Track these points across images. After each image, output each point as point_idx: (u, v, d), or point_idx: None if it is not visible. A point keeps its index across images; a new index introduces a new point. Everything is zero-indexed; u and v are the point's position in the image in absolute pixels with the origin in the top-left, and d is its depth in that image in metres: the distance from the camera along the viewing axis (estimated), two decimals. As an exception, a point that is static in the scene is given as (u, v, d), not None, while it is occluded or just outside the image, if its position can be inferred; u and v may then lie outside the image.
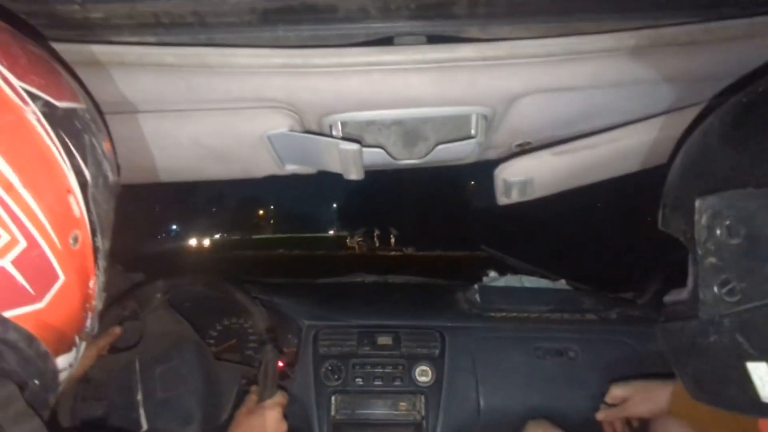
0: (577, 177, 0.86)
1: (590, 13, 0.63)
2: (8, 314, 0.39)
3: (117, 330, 1.08)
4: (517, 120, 0.77)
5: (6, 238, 0.37)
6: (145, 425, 1.08)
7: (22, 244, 0.38)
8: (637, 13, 0.63)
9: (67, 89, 0.48)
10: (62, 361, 0.47)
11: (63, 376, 0.49)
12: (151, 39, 0.64)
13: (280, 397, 1.06)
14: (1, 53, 0.40)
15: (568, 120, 0.79)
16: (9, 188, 0.37)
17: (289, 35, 0.65)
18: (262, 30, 0.64)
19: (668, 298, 0.68)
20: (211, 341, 1.38)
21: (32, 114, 0.41)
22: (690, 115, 0.77)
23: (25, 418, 0.42)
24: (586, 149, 0.80)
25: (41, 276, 0.41)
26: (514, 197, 0.90)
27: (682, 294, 0.62)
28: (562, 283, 1.67)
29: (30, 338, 0.41)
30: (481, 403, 1.29)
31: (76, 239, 0.44)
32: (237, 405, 1.14)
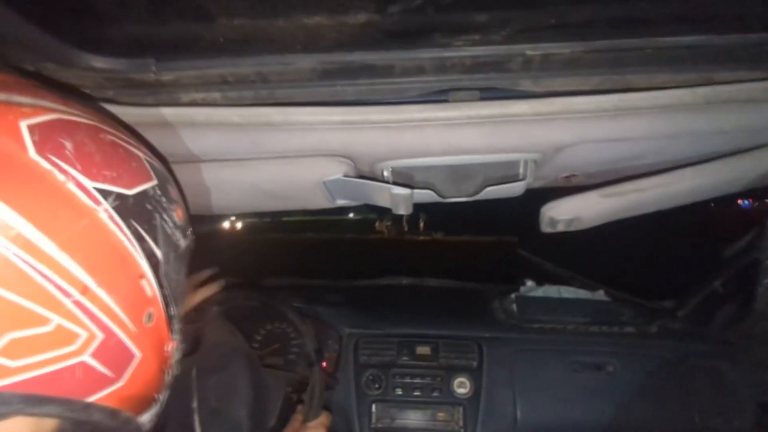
0: (623, 214, 0.86)
1: (643, 66, 0.63)
2: (91, 399, 0.43)
3: None
4: (565, 160, 0.78)
5: (84, 335, 0.41)
6: (198, 431, 1.16)
7: (100, 337, 0.42)
8: (691, 67, 0.62)
9: (139, 171, 0.50)
10: (146, 417, 0.52)
11: (149, 426, 0.54)
12: (216, 95, 0.67)
13: (323, 419, 1.11)
14: (77, 155, 0.43)
15: (617, 160, 0.79)
16: (85, 291, 0.40)
17: (347, 90, 0.67)
18: (321, 85, 0.66)
19: None
20: (256, 345, 1.45)
21: (104, 212, 0.43)
22: (744, 159, 0.75)
23: None
24: (634, 192, 0.80)
25: (119, 359, 0.45)
26: (560, 229, 0.91)
27: None
28: (600, 294, 1.66)
29: (114, 413, 0.45)
30: (519, 416, 1.32)
31: (150, 317, 0.47)
32: (282, 414, 1.21)
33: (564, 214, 0.84)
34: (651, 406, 1.32)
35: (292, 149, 0.71)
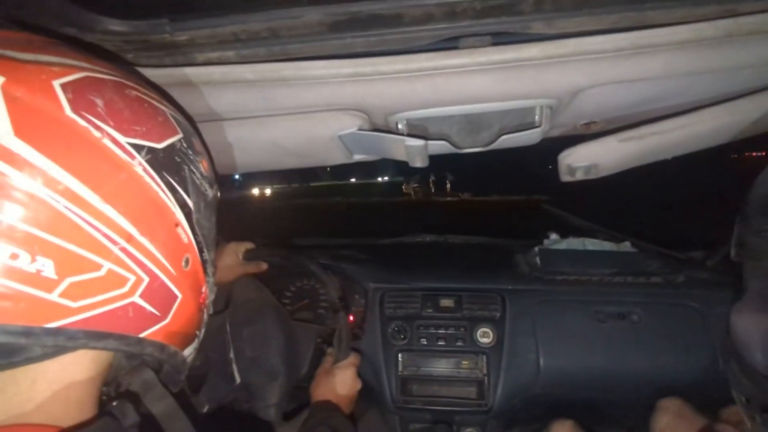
0: (644, 158, 0.84)
1: (662, 1, 0.60)
2: (143, 334, 0.48)
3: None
4: (582, 106, 0.76)
5: (133, 279, 0.45)
6: (238, 379, 1.24)
7: (146, 280, 0.46)
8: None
9: (165, 126, 0.53)
10: (188, 351, 0.59)
11: (190, 359, 0.60)
12: (231, 54, 0.69)
13: (353, 358, 1.17)
14: (108, 112, 0.46)
15: (636, 104, 0.76)
16: (130, 239, 0.45)
17: (357, 41, 0.67)
18: (332, 38, 0.67)
19: None
20: (287, 301, 1.51)
21: (139, 166, 0.47)
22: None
23: (162, 398, 0.53)
24: (654, 135, 0.77)
25: (164, 299, 0.50)
26: (578, 177, 0.90)
27: None
28: (626, 245, 1.65)
29: (162, 347, 0.51)
30: (541, 363, 1.34)
31: (187, 262, 0.52)
32: (314, 361, 1.28)
33: (581, 160, 0.83)
34: (675, 354, 1.33)
35: (306, 104, 0.72)
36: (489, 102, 0.72)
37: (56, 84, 0.43)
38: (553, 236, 1.70)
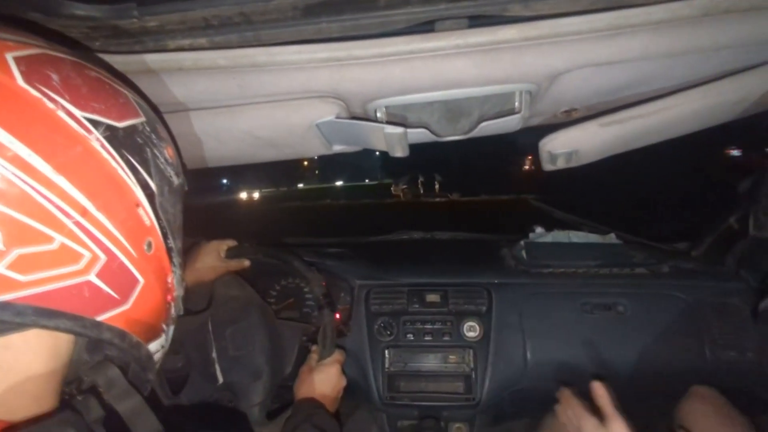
0: (625, 144, 0.84)
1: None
2: (100, 318, 0.46)
3: None
4: (562, 92, 0.76)
5: (88, 256, 0.43)
6: (221, 379, 1.22)
7: (103, 258, 0.44)
8: None
9: (127, 107, 0.52)
10: (154, 346, 0.56)
11: (158, 356, 0.57)
12: (203, 41, 0.67)
13: (338, 355, 1.16)
14: (64, 87, 0.44)
15: (616, 89, 0.76)
16: (85, 213, 0.43)
17: (332, 26, 0.65)
18: (306, 23, 0.65)
19: None
20: (272, 300, 1.49)
21: (96, 141, 0.45)
22: (750, 77, 0.72)
23: (127, 395, 0.50)
24: (635, 119, 0.77)
25: (124, 282, 0.47)
26: (560, 165, 0.89)
27: None
28: (611, 237, 1.65)
29: (122, 334, 0.48)
30: (529, 356, 1.34)
31: (150, 245, 0.50)
32: (298, 360, 1.26)
33: (562, 146, 0.82)
34: (662, 344, 1.33)
35: (281, 91, 0.71)
36: (467, 87, 0.71)
37: (9, 56, 0.42)
38: (539, 230, 1.70)
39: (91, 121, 0.45)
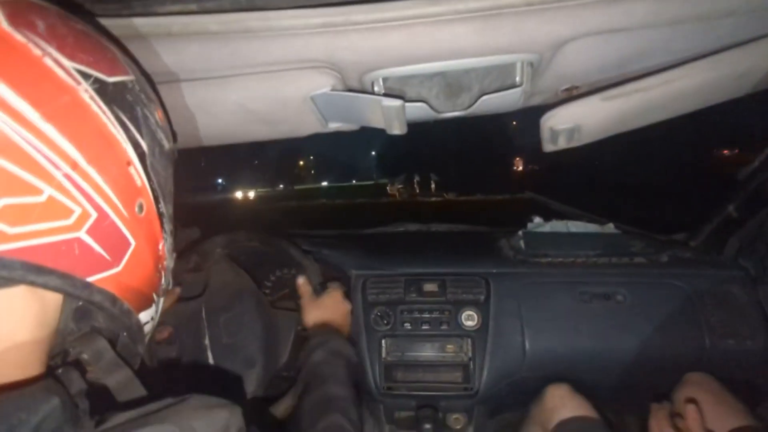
0: (629, 121, 0.82)
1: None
2: (91, 279, 0.43)
3: (171, 297, 1.14)
4: (564, 65, 0.74)
5: (78, 211, 0.41)
6: (214, 367, 1.19)
7: (93, 215, 0.42)
8: None
9: (116, 63, 0.49)
10: (144, 316, 0.53)
11: (147, 328, 0.55)
12: (193, 6, 0.64)
13: (335, 284, 1.21)
14: (51, 35, 0.42)
15: (619, 62, 0.74)
16: (75, 166, 0.40)
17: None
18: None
19: None
20: (267, 291, 1.47)
21: (85, 92, 0.43)
22: (755, 49, 0.70)
23: (116, 368, 0.48)
24: (638, 92, 0.75)
25: (115, 243, 0.45)
26: (561, 144, 0.87)
27: None
28: (610, 227, 1.64)
29: (113, 299, 0.45)
30: (527, 345, 1.32)
31: (141, 207, 0.48)
32: (294, 350, 1.24)
33: (564, 122, 0.80)
34: (661, 333, 1.32)
35: (275, 59, 0.68)
36: (467, 57, 0.69)
37: None
38: (537, 219, 1.68)
39: (79, 72, 0.43)
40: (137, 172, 0.47)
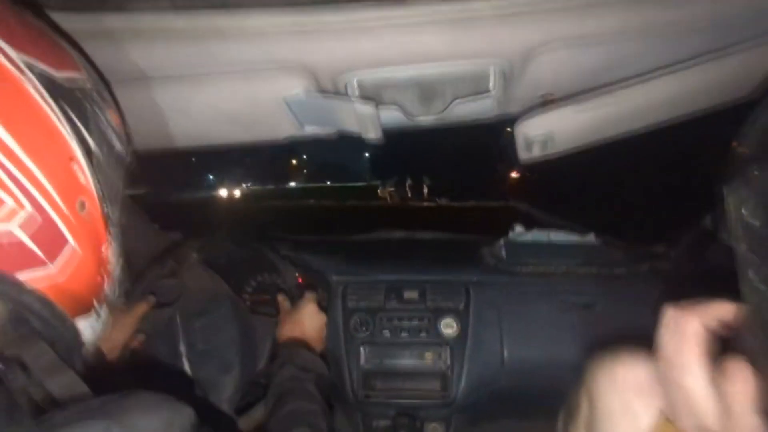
0: (602, 131, 0.82)
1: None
2: (21, 276, 0.41)
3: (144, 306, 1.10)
4: (537, 73, 0.74)
5: (11, 203, 0.39)
6: (189, 373, 1.17)
7: (27, 209, 0.40)
8: None
9: (67, 60, 0.48)
10: (82, 324, 0.49)
11: (87, 337, 0.50)
12: (165, 4, 0.63)
13: (309, 294, 1.20)
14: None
15: (591, 71, 0.74)
16: (10, 155, 0.38)
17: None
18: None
19: None
20: (246, 296, 1.45)
21: (29, 83, 0.41)
22: (725, 62, 0.71)
23: (58, 370, 0.44)
24: (610, 104, 0.76)
25: (50, 240, 0.42)
26: (536, 153, 0.87)
27: None
28: (590, 238, 1.64)
29: (44, 300, 0.43)
30: (506, 354, 1.32)
31: (82, 205, 0.45)
32: (273, 356, 1.22)
33: (537, 129, 0.80)
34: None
35: (246, 60, 0.67)
36: (438, 60, 0.69)
37: None
38: (518, 228, 1.68)
39: (26, 63, 0.41)
40: (81, 170, 0.45)
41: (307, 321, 1.15)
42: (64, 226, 0.43)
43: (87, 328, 0.50)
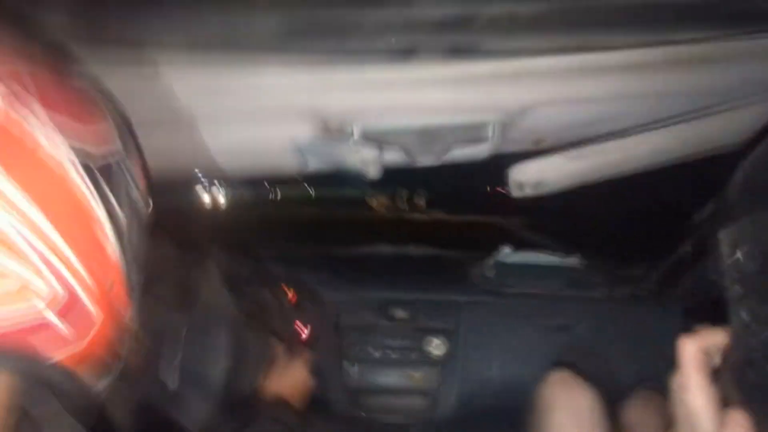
0: (590, 176, 0.89)
1: (604, 26, 0.63)
2: (53, 359, 0.41)
3: None
4: (532, 122, 0.79)
5: (51, 294, 0.38)
6: (172, 386, 1.18)
7: (64, 295, 0.40)
8: (650, 28, 0.63)
9: (103, 126, 0.47)
10: (102, 383, 0.50)
11: (103, 388, 0.51)
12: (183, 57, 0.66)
13: (305, 355, 1.20)
14: (43, 103, 0.39)
15: (583, 124, 0.80)
16: (46, 240, 0.38)
17: (315, 49, 0.67)
18: (288, 45, 0.66)
19: None
20: (245, 312, 1.47)
21: (72, 167, 0.40)
22: (711, 119, 0.78)
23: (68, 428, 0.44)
24: (598, 155, 0.82)
25: (81, 321, 0.42)
26: (528, 192, 0.93)
27: None
28: (574, 260, 1.71)
29: (72, 376, 0.43)
30: (493, 375, 1.37)
31: (112, 286, 0.45)
32: (255, 396, 1.24)
33: (529, 175, 0.86)
34: (620, 366, 1.38)
35: (260, 107, 0.71)
36: (442, 114, 0.74)
37: None
38: (506, 250, 1.74)
39: (68, 146, 0.40)
40: (113, 250, 0.45)
41: (297, 381, 1.18)
42: (95, 307, 0.43)
43: (106, 384, 0.51)
